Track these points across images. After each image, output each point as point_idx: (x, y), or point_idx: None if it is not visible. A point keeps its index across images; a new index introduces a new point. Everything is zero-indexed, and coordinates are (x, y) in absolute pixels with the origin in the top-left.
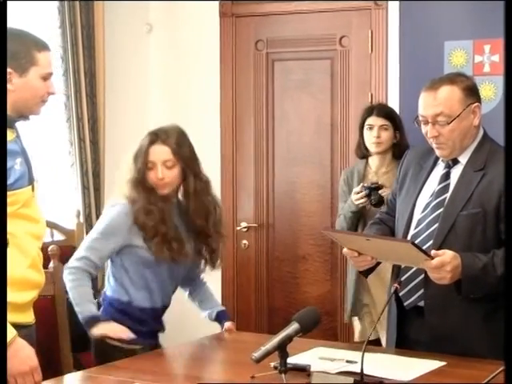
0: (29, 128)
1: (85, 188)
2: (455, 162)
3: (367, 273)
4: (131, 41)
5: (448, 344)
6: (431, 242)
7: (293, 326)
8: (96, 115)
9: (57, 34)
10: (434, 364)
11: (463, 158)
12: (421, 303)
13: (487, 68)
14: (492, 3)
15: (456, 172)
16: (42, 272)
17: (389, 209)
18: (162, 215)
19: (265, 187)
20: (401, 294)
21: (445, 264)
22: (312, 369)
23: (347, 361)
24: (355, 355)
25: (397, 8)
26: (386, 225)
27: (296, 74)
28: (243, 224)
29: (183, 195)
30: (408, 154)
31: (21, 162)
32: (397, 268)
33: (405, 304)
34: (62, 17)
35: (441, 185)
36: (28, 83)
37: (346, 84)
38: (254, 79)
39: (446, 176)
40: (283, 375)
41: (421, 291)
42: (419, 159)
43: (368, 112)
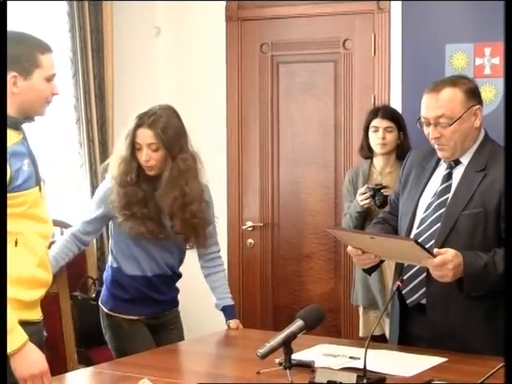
0: (39, 130)
1: (94, 188)
2: (457, 163)
3: (371, 271)
4: (139, 43)
5: (449, 341)
6: (433, 241)
7: (297, 323)
8: (105, 116)
9: (66, 37)
10: (436, 360)
11: (465, 159)
12: (423, 301)
13: (488, 70)
14: (492, 6)
15: (458, 173)
16: (50, 270)
17: (392, 208)
18: (135, 195)
19: (270, 187)
20: (404, 292)
21: (447, 262)
22: (316, 365)
23: (350, 357)
24: (358, 351)
25: (399, 12)
26: (389, 224)
27: (300, 77)
28: (249, 223)
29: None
30: (410, 155)
31: (28, 164)
32: (400, 266)
33: (407, 301)
34: (72, 20)
35: (443, 185)
36: (33, 85)
37: (350, 86)
38: (260, 81)
39: (448, 176)
40: (288, 371)
41: (423, 289)
42: (421, 160)
43: (373, 114)
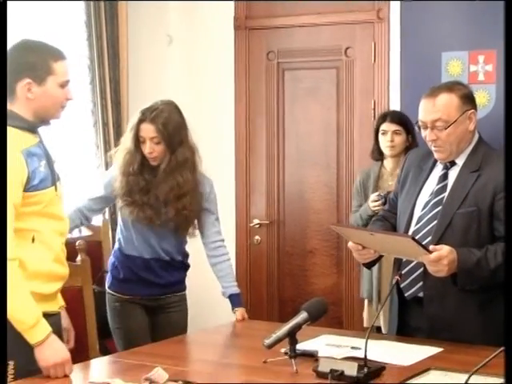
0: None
1: None
2: (452, 164)
3: (370, 265)
4: (153, 51)
5: (445, 332)
6: (430, 238)
7: (302, 315)
8: (120, 120)
9: (84, 46)
10: (432, 350)
11: (460, 160)
12: (420, 294)
13: (481, 77)
14: (486, 17)
15: (453, 173)
16: (66, 265)
17: (391, 207)
18: (137, 184)
19: (276, 187)
20: (402, 286)
21: (442, 258)
22: (319, 354)
23: (352, 347)
24: (359, 342)
25: (398, 21)
26: (389, 221)
27: (305, 83)
28: (256, 221)
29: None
30: (409, 157)
31: (45, 165)
32: (398, 261)
33: (405, 295)
34: (89, 30)
35: (439, 185)
36: (47, 92)
37: (351, 91)
38: (266, 87)
39: (444, 177)
40: (293, 360)
41: (420, 283)
42: (419, 161)
43: (382, 118)
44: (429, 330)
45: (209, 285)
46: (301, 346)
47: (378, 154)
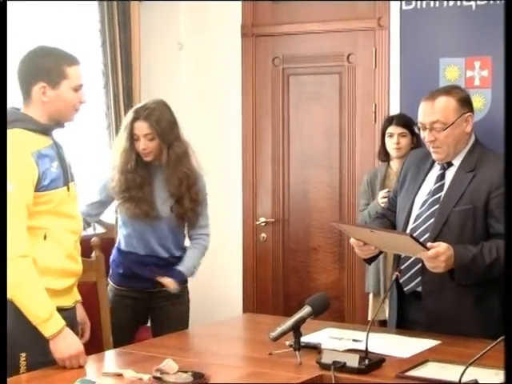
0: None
1: None
2: (449, 165)
3: (370, 261)
4: (164, 58)
5: (443, 325)
6: (428, 235)
7: (306, 309)
8: None
9: (99, 52)
10: (430, 343)
11: (456, 161)
12: (419, 289)
13: (477, 82)
14: (482, 25)
15: (450, 173)
16: (79, 262)
17: (390, 205)
18: (134, 181)
19: (281, 186)
20: (401, 281)
21: (439, 255)
22: (323, 347)
23: (353, 340)
24: (360, 335)
25: (398, 29)
26: (388, 219)
27: (308, 87)
28: (262, 219)
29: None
30: (408, 158)
31: (57, 166)
32: (397, 257)
33: (405, 289)
34: (103, 37)
35: (436, 184)
36: (60, 95)
37: (353, 96)
38: (272, 91)
39: (441, 177)
40: (297, 352)
41: (418, 278)
42: (418, 162)
43: (388, 122)
44: (427, 324)
45: (216, 280)
46: (305, 339)
47: (385, 155)
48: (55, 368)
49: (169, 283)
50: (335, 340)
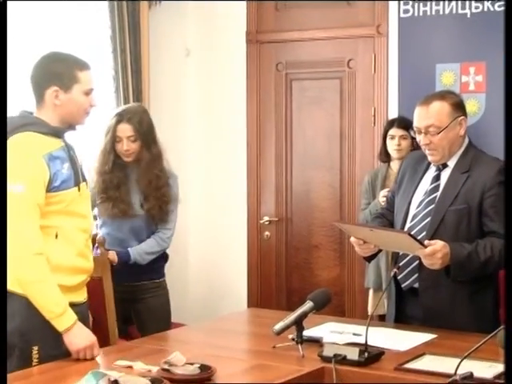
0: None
1: None
2: (444, 166)
3: (370, 258)
4: (172, 63)
5: (438, 319)
6: (424, 234)
7: (308, 304)
8: None
9: (109, 58)
10: (427, 336)
11: (451, 163)
12: (416, 285)
13: (472, 87)
14: (477, 32)
15: (445, 174)
16: (90, 259)
17: (389, 205)
18: (111, 182)
19: (284, 187)
20: (399, 277)
21: (436, 252)
22: (324, 340)
23: (354, 334)
24: (360, 329)
25: (396, 36)
26: (386, 218)
27: (310, 92)
28: (266, 218)
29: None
30: (405, 160)
31: (68, 167)
32: (396, 255)
33: (402, 285)
34: (114, 44)
35: (432, 185)
36: (72, 98)
37: (353, 100)
38: (275, 96)
39: (437, 177)
40: (300, 345)
41: (416, 275)
42: (414, 164)
43: (390, 124)
44: (423, 318)
45: (221, 276)
46: (307, 333)
47: (385, 156)
48: (67, 360)
49: (111, 255)
50: (336, 334)
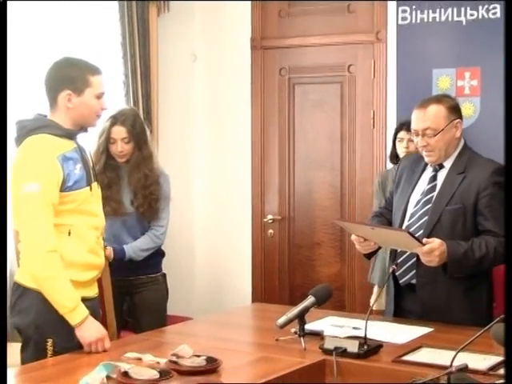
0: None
1: None
2: (441, 167)
3: (370, 255)
4: (179, 68)
5: (435, 314)
6: (422, 232)
7: (310, 299)
8: (151, 128)
9: (120, 64)
10: (424, 330)
11: (447, 164)
12: (413, 281)
13: (467, 91)
14: (472, 38)
15: (442, 175)
16: (101, 256)
17: (387, 204)
18: (102, 182)
19: (287, 187)
20: (397, 274)
21: (434, 250)
22: (325, 334)
23: (353, 327)
24: (360, 323)
25: (394, 42)
26: (385, 217)
27: (312, 95)
28: (269, 216)
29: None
30: (403, 161)
31: (80, 168)
32: (394, 252)
33: (400, 281)
34: (124, 50)
35: (429, 185)
36: (84, 102)
37: (353, 103)
38: (279, 99)
39: (434, 178)
40: (302, 339)
41: (413, 271)
42: (412, 164)
43: (399, 128)
44: (421, 313)
45: (227, 273)
46: (309, 326)
47: (395, 158)
48: (79, 352)
49: (107, 251)
50: (336, 327)
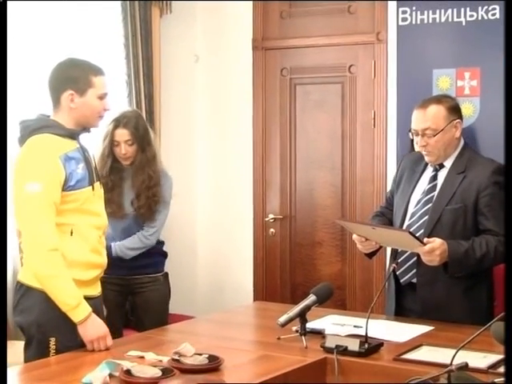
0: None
1: None
2: (441, 167)
3: (371, 255)
4: (181, 68)
5: (435, 312)
6: (422, 231)
7: (311, 298)
8: (153, 128)
9: (123, 64)
10: (424, 328)
11: (448, 163)
12: (414, 280)
13: (467, 91)
14: (471, 38)
15: (442, 174)
16: (103, 255)
17: (388, 204)
18: (106, 185)
19: (288, 186)
20: (398, 273)
21: (435, 249)
22: (326, 332)
23: (354, 326)
24: (361, 321)
25: (395, 43)
26: (386, 217)
27: (313, 95)
28: (271, 216)
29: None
30: (403, 161)
31: (82, 167)
32: (395, 251)
33: (401, 280)
34: (127, 50)
35: (430, 185)
36: (87, 102)
37: (354, 103)
38: (280, 99)
39: (434, 178)
40: (303, 337)
41: (414, 270)
42: (412, 164)
43: None
44: (421, 312)
45: (229, 271)
46: (310, 325)
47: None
48: (82, 351)
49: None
50: (338, 326)
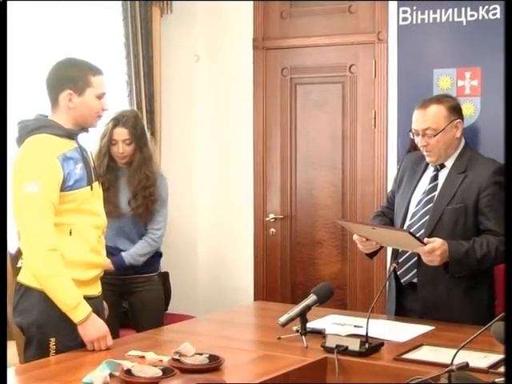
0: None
1: None
2: (442, 167)
3: (372, 255)
4: (182, 68)
5: (436, 312)
6: (423, 231)
7: (311, 298)
8: (154, 129)
9: (123, 64)
10: (425, 328)
11: (448, 163)
12: (414, 280)
13: (468, 91)
14: (472, 38)
15: (443, 174)
16: (102, 255)
17: (389, 204)
18: (102, 184)
19: (289, 186)
20: (399, 273)
21: (435, 249)
22: (327, 332)
23: (355, 326)
24: (361, 321)
25: (395, 42)
26: (387, 217)
27: (314, 95)
28: (271, 215)
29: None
30: (404, 161)
31: (81, 167)
32: (395, 251)
33: (402, 280)
34: (128, 50)
35: (430, 185)
36: (85, 102)
37: (354, 103)
38: (281, 99)
39: (435, 177)
40: (303, 337)
41: (415, 270)
42: (413, 164)
43: None
44: (422, 311)
45: (229, 271)
46: (310, 325)
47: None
48: (82, 351)
49: (107, 265)
50: (338, 326)
